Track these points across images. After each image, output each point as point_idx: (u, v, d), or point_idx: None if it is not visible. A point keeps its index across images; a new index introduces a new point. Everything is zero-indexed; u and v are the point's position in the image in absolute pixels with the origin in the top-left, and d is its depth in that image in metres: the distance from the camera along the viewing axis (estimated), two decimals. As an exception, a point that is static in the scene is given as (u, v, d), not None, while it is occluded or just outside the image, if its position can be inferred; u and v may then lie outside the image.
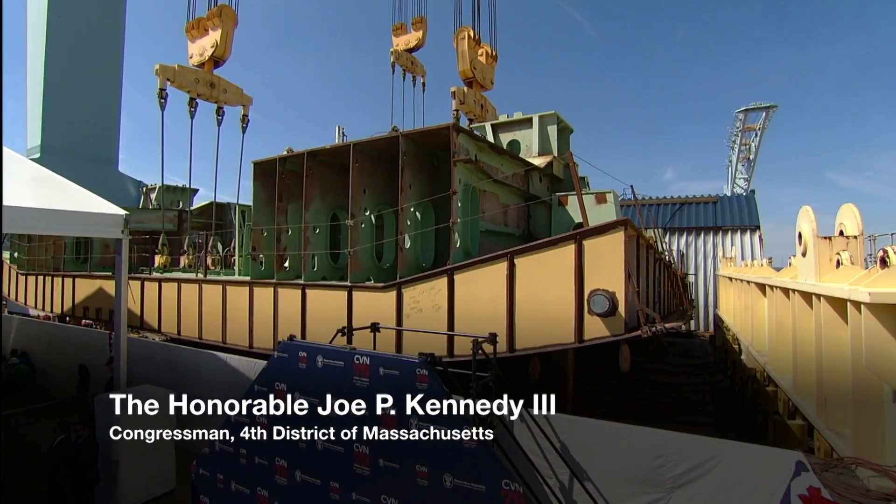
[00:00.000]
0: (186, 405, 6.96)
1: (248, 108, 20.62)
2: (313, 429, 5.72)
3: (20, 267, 19.96)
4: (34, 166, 12.06)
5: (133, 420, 8.25)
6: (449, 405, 4.69)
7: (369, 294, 8.78)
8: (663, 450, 5.43)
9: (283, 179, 10.23)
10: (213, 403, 9.67)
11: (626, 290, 6.44)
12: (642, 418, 13.23)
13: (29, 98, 64.37)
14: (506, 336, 7.15)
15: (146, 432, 8.38)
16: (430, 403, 4.77)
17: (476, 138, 9.00)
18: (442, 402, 4.72)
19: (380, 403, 5.11)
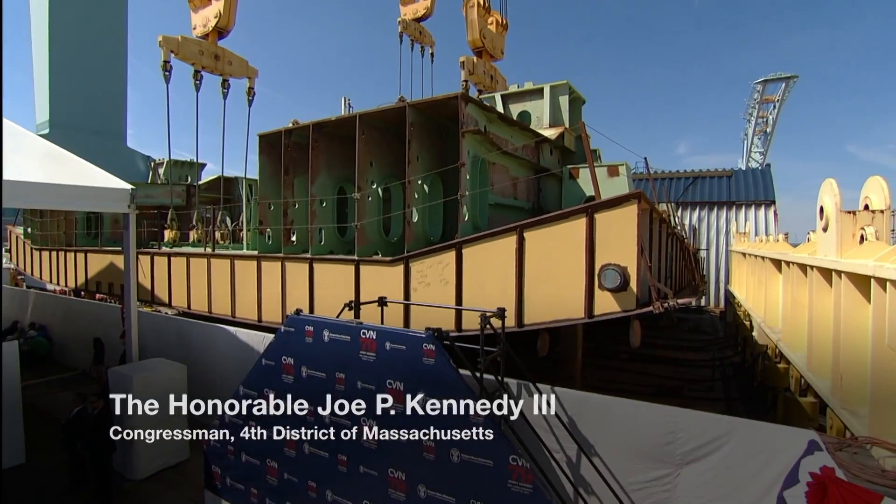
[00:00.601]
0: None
1: (254, 81, 20.28)
2: (321, 402, 5.73)
3: (34, 242, 20.19)
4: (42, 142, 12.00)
5: (146, 392, 8.39)
6: (455, 380, 4.63)
7: (376, 268, 8.71)
8: (673, 426, 5.36)
9: (288, 152, 10.06)
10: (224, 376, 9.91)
11: (638, 264, 6.28)
12: (651, 393, 13.23)
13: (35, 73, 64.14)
14: (514, 310, 7.05)
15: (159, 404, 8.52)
16: (437, 378, 4.72)
17: (485, 108, 8.73)
18: (448, 377, 4.66)
19: (386, 378, 5.07)
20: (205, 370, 10.39)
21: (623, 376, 14.81)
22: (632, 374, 14.99)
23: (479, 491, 4.46)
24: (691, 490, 5.30)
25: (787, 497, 3.82)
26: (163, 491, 8.17)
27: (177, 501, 7.83)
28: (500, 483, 4.32)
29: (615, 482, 5.73)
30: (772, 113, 70.28)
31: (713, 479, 5.13)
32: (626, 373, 15.20)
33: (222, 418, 6.94)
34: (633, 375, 14.89)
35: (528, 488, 4.18)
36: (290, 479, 6.09)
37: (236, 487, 6.77)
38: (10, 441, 8.99)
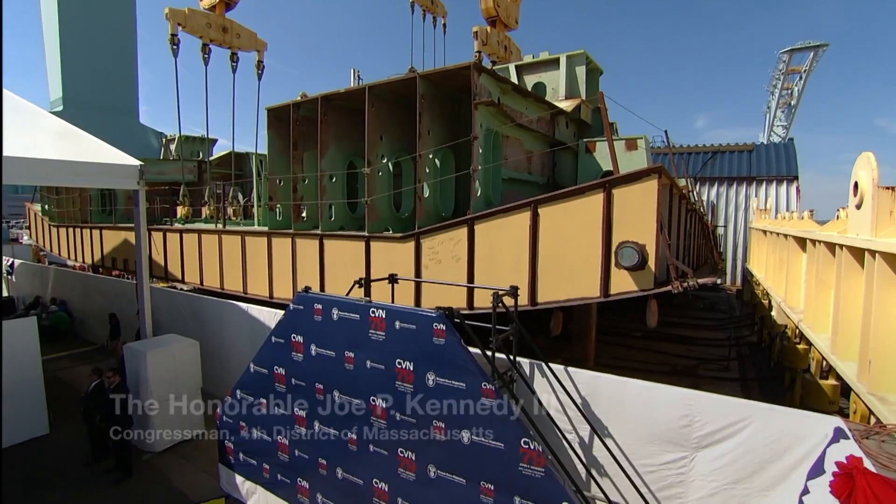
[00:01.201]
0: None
1: (263, 54, 19.93)
2: (330, 380, 5.68)
3: (51, 219, 20.44)
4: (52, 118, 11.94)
5: (159, 368, 8.50)
6: (466, 360, 4.50)
7: (387, 245, 8.57)
8: (690, 409, 5.21)
9: (297, 126, 9.84)
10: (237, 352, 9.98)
11: (657, 242, 6.02)
12: (665, 372, 13.08)
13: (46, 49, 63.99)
14: (528, 289, 6.88)
15: (172, 379, 8.64)
16: (447, 358, 4.60)
17: (499, 79, 8.37)
18: (459, 358, 4.53)
19: (396, 357, 4.97)
20: (218, 345, 10.48)
21: (636, 354, 14.67)
22: (645, 353, 14.83)
23: (490, 473, 4.39)
24: (706, 474, 5.18)
25: (812, 487, 3.66)
26: (180, 463, 8.33)
27: (193, 474, 7.97)
28: (512, 466, 4.23)
29: (628, 464, 5.63)
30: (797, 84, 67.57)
31: (730, 464, 5.00)
32: (639, 351, 15.04)
33: (234, 394, 6.97)
34: (647, 354, 14.73)
35: (541, 472, 4.08)
36: (300, 455, 6.11)
37: (249, 462, 6.85)
38: (34, 413, 9.26)
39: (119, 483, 7.70)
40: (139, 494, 7.48)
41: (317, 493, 5.97)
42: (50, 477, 7.91)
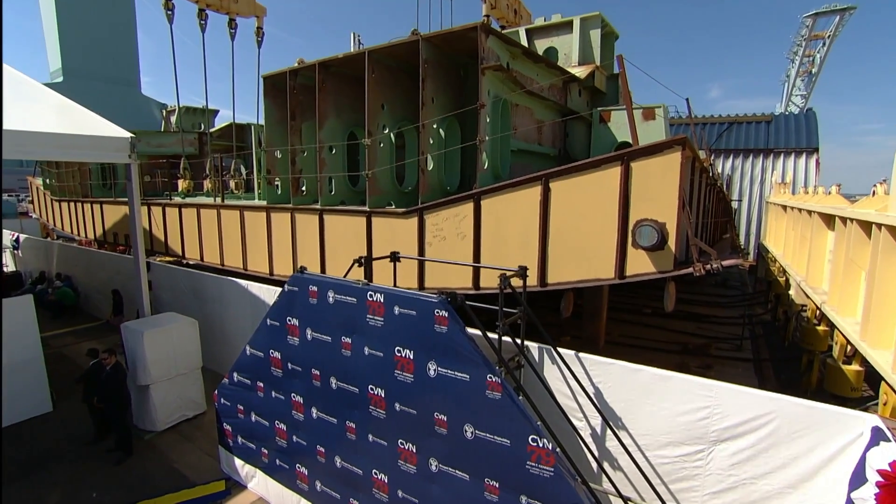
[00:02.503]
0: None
1: (263, 20, 19.12)
2: (326, 366, 5.39)
3: (53, 193, 20.20)
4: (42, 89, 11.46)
5: (157, 347, 8.30)
6: (470, 351, 4.15)
7: (389, 220, 8.16)
8: (710, 400, 4.86)
9: (294, 95, 9.31)
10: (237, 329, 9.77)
11: (678, 220, 5.56)
12: (676, 351, 12.78)
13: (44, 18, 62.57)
14: (537, 269, 6.48)
15: (171, 359, 8.45)
16: (450, 348, 4.25)
17: (509, 42, 7.75)
18: (462, 347, 4.18)
19: (395, 345, 4.64)
20: (220, 323, 10.29)
21: (647, 332, 14.36)
22: (656, 330, 14.52)
23: (495, 470, 4.09)
24: (725, 469, 4.88)
25: (855, 500, 3.31)
26: (181, 443, 8.21)
27: (193, 454, 7.86)
28: (519, 464, 3.92)
29: (641, 456, 5.35)
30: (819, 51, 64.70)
31: (750, 459, 4.69)
32: (649, 328, 14.72)
33: (231, 377, 6.74)
34: (658, 331, 14.42)
35: (550, 471, 3.77)
36: (298, 442, 5.89)
37: (248, 446, 6.67)
38: (36, 391, 9.17)
39: (120, 463, 7.60)
40: (140, 475, 7.38)
41: (315, 481, 5.78)
42: (51, 456, 7.83)
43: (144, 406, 8.42)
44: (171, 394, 8.56)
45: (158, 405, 8.40)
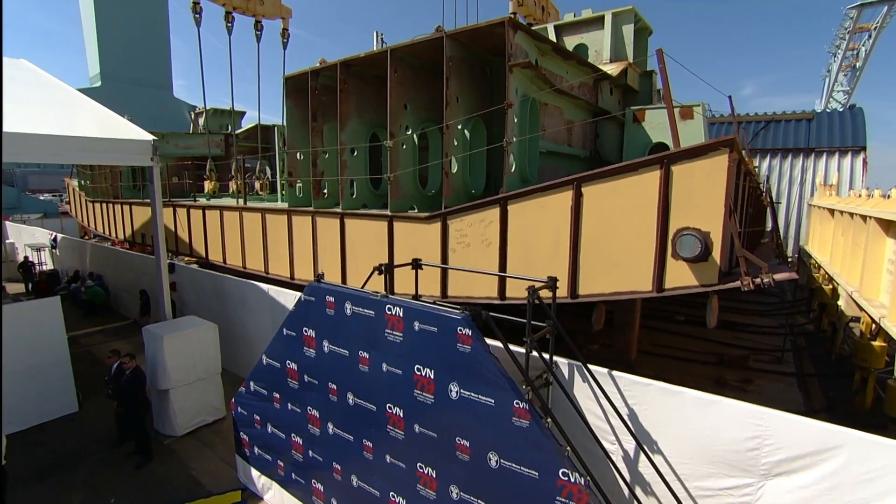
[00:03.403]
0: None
1: (288, 22, 19.16)
2: (343, 381, 5.13)
3: (87, 194, 20.73)
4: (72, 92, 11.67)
5: (177, 352, 8.23)
6: (495, 373, 3.81)
7: (411, 225, 7.87)
8: (761, 430, 4.38)
9: (316, 96, 9.13)
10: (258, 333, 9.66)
11: (724, 229, 5.08)
12: (710, 362, 12.09)
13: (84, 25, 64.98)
14: (567, 279, 6.08)
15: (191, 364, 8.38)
16: (473, 369, 3.92)
17: (537, 38, 7.35)
18: (487, 369, 3.84)
19: (415, 362, 4.33)
20: (241, 326, 10.22)
21: (679, 341, 13.68)
22: (689, 339, 13.82)
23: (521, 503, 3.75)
24: (779, 507, 4.39)
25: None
26: (200, 449, 8.13)
27: (211, 461, 7.75)
28: (547, 499, 3.56)
29: (680, 486, 4.90)
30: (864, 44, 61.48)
31: (809, 501, 4.18)
32: (682, 337, 14.02)
33: (248, 385, 6.57)
34: (691, 340, 13.72)
35: (583, 511, 3.40)
36: (314, 457, 5.66)
37: (264, 457, 6.48)
38: (62, 391, 9.26)
39: (139, 468, 7.56)
40: (158, 481, 7.31)
41: (332, 498, 5.53)
42: (74, 458, 7.85)
43: (164, 410, 8.38)
44: (190, 399, 8.50)
45: (178, 410, 8.34)
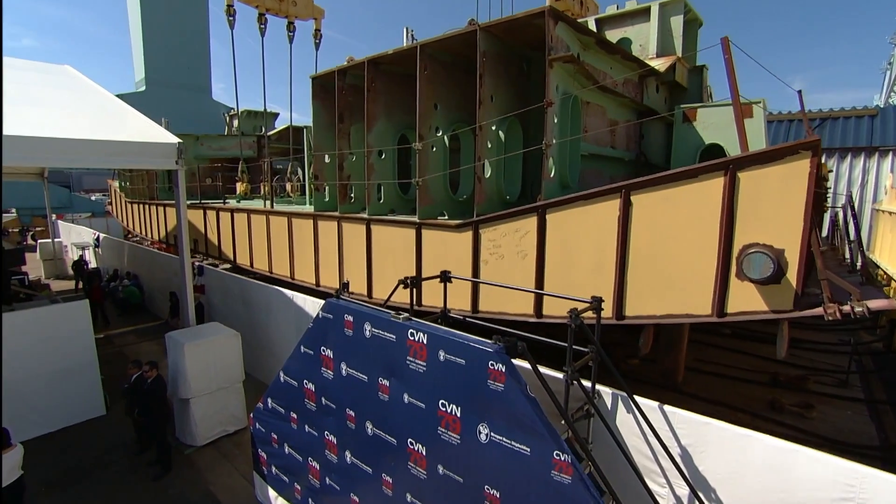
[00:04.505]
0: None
1: (321, 22, 19.08)
2: (361, 408, 4.68)
3: (126, 195, 21.26)
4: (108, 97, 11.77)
5: (199, 360, 8.01)
6: (532, 419, 3.25)
7: (440, 233, 7.37)
8: (853, 493, 3.65)
9: (343, 96, 8.76)
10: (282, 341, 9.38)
11: (802, 247, 4.34)
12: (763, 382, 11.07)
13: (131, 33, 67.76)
14: (613, 299, 5.44)
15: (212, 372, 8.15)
16: (507, 411, 3.37)
17: (580, 30, 6.71)
18: (523, 413, 3.29)
19: (439, 397, 3.82)
20: (265, 332, 9.99)
21: (726, 357, 12.65)
22: (737, 355, 12.76)
23: (561, 573, 3.17)
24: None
25: None
26: (219, 461, 7.89)
27: (230, 475, 7.48)
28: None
29: (746, 545, 4.21)
30: (933, 33, 56.91)
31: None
32: (729, 353, 12.98)
33: (265, 402, 6.23)
34: (740, 357, 12.66)
35: None
36: (331, 485, 5.23)
37: (281, 478, 6.12)
38: (90, 394, 9.26)
39: (158, 479, 7.37)
40: (175, 494, 7.09)
41: (349, 533, 5.08)
42: (96, 465, 7.75)
43: (185, 420, 8.19)
44: (211, 408, 8.28)
45: (199, 420, 8.14)
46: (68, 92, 11.52)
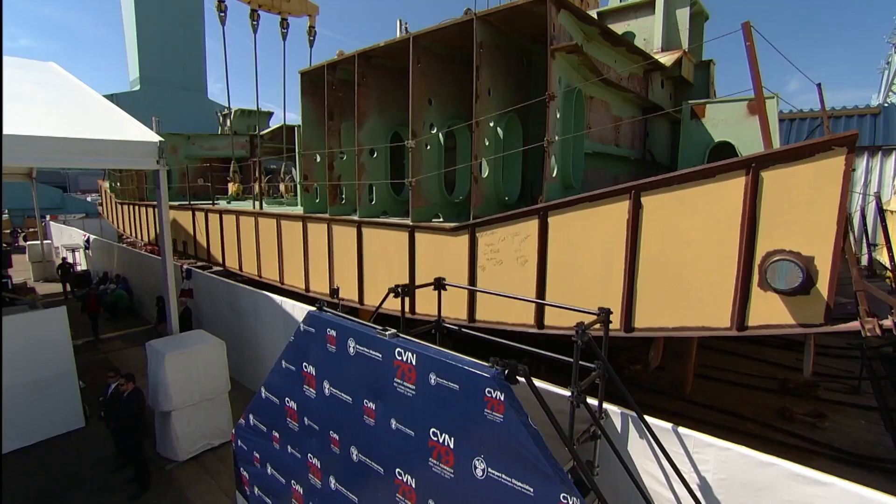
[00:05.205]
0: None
1: (315, 19, 18.62)
2: (346, 432, 4.24)
3: (117, 196, 20.78)
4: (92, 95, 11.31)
5: (180, 371, 7.58)
6: (536, 455, 2.82)
7: (435, 237, 6.94)
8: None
9: (333, 92, 8.31)
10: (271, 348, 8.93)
11: (835, 254, 3.92)
12: (771, 389, 10.66)
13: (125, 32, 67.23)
14: (622, 309, 5.01)
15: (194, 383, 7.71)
16: (507, 446, 2.94)
17: (584, 19, 6.28)
18: (525, 448, 2.85)
19: (430, 425, 3.38)
20: (254, 338, 9.55)
21: (732, 362, 12.23)
22: (744, 360, 12.35)
23: None
24: None
25: None
26: (202, 478, 7.45)
27: (212, 494, 7.05)
28: None
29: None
30: (932, 33, 56.67)
31: None
32: (737, 358, 12.57)
33: (247, 418, 5.79)
34: (746, 362, 12.25)
35: None
36: (315, 514, 4.79)
37: (264, 500, 5.68)
38: (68, 406, 8.81)
39: (134, 499, 6.91)
40: (152, 517, 6.66)
41: (334, 566, 4.64)
42: (72, 483, 7.29)
43: (166, 434, 7.74)
44: (194, 421, 7.83)
45: (181, 434, 7.69)
46: (49, 89, 11.07)
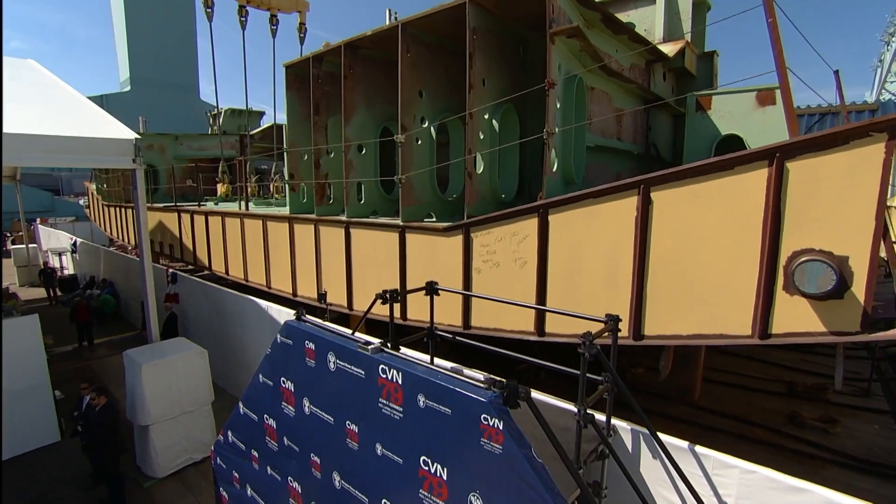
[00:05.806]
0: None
1: (305, 16, 18.21)
2: (328, 456, 3.81)
3: (104, 198, 20.26)
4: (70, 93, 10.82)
5: (158, 382, 7.12)
6: (541, 490, 2.39)
7: (427, 237, 6.51)
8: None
9: (319, 85, 7.87)
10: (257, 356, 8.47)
11: (873, 253, 3.51)
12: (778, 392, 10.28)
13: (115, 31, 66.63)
14: (630, 314, 4.59)
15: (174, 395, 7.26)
16: (507, 480, 2.51)
17: (584, 2, 5.86)
18: (529, 483, 2.43)
19: (419, 453, 2.95)
20: (240, 345, 9.10)
21: (737, 364, 11.86)
22: (749, 362, 11.99)
23: None
24: None
25: None
26: (182, 495, 6.99)
27: (192, 514, 6.59)
28: None
29: None
30: (924, 29, 56.63)
31: None
32: (740, 359, 12.21)
33: (226, 435, 5.35)
34: (752, 364, 11.89)
35: None
36: (297, 543, 4.35)
37: (244, 525, 5.23)
38: (42, 419, 8.33)
39: (109, 521, 6.45)
40: (128, 540, 6.20)
41: None
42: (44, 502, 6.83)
43: (145, 448, 7.27)
44: (174, 435, 7.37)
45: (160, 448, 7.22)
46: (24, 85, 10.58)
